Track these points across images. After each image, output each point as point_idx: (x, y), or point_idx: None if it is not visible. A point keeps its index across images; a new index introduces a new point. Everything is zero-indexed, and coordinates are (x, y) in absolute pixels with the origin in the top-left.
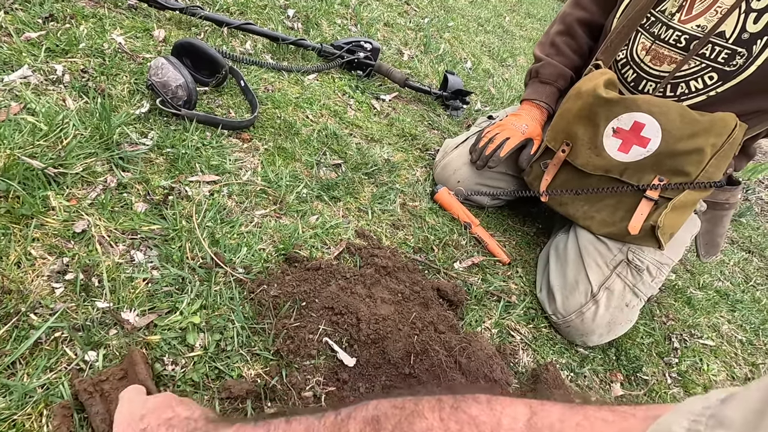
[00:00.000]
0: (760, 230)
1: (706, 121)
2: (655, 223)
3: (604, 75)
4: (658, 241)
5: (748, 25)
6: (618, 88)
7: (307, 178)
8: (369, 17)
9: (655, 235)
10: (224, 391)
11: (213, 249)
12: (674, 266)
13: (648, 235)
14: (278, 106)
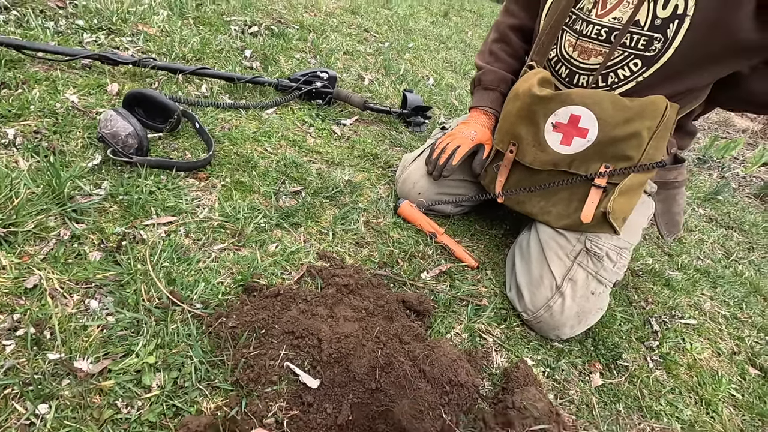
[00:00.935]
0: (738, 205)
1: (637, 105)
2: (606, 209)
3: (537, 74)
4: (612, 226)
5: (658, 11)
6: (553, 85)
7: (266, 208)
8: (328, 48)
9: (608, 221)
10: (182, 428)
11: (169, 288)
12: (651, 250)
13: (602, 222)
14: (235, 143)
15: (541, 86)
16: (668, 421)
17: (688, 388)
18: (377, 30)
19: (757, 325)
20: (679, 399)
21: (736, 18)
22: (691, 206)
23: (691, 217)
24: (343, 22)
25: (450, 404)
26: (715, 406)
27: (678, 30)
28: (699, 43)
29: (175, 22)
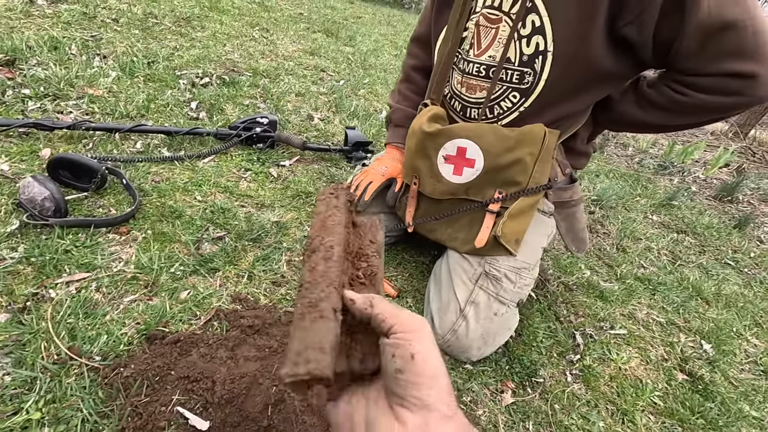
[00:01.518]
0: (696, 209)
1: (517, 134)
2: (496, 233)
3: (429, 112)
4: (506, 249)
5: (524, 48)
6: (446, 120)
7: (185, 256)
8: (279, 91)
9: (500, 243)
10: None
11: (69, 344)
12: (591, 263)
13: (496, 245)
14: (164, 195)
15: (431, 122)
16: None
17: (607, 400)
18: (335, 69)
19: (693, 329)
20: (594, 411)
21: (590, 50)
22: (643, 214)
23: (641, 225)
24: (300, 64)
25: None
26: (632, 415)
27: (543, 64)
28: (564, 75)
29: (125, 81)
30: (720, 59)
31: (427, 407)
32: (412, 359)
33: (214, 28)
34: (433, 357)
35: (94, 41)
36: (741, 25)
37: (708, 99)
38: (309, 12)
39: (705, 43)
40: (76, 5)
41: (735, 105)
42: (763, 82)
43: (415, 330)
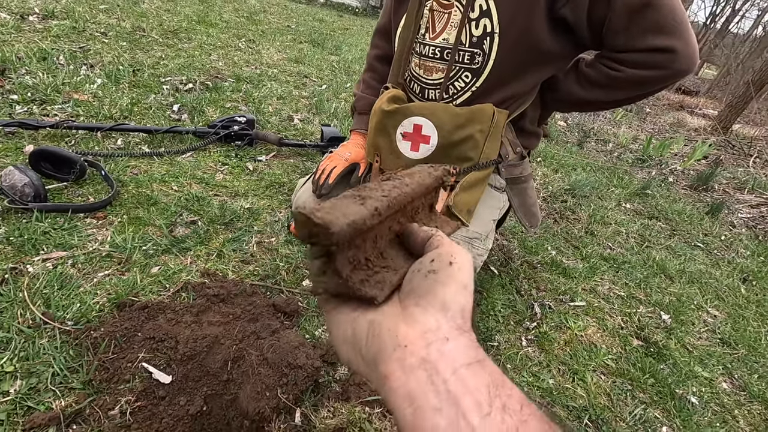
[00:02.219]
0: (670, 197)
1: (467, 112)
2: (449, 203)
3: (388, 94)
4: (458, 218)
5: (473, 31)
6: (405, 101)
7: (158, 238)
8: (260, 95)
9: (453, 213)
10: (28, 423)
11: (43, 310)
12: (558, 244)
13: (450, 215)
14: (141, 185)
15: (389, 102)
16: (528, 390)
17: (559, 361)
18: (318, 75)
19: (653, 302)
20: (545, 371)
21: (533, 31)
22: (616, 203)
23: (613, 212)
24: (284, 71)
25: (288, 384)
26: (582, 374)
27: (491, 45)
28: (510, 55)
29: (110, 87)
30: (644, 35)
31: (445, 311)
32: (450, 265)
33: (201, 40)
34: (468, 270)
35: (82, 52)
36: (659, 4)
37: (638, 73)
38: (297, 25)
39: (630, 20)
40: (66, 20)
41: (662, 77)
42: (682, 56)
43: (460, 251)
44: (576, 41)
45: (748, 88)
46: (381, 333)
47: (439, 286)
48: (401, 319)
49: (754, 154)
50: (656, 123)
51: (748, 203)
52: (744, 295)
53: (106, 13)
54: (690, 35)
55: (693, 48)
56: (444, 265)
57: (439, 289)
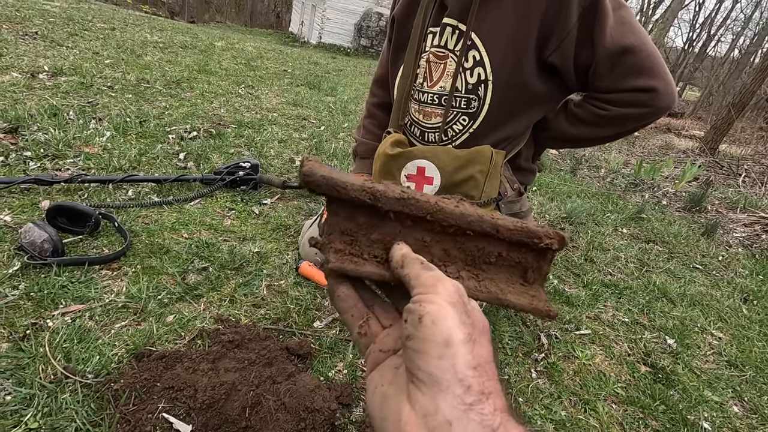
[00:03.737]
0: (665, 220)
1: (467, 154)
2: None
3: (391, 138)
4: None
5: (468, 79)
6: (407, 144)
7: (171, 286)
8: (262, 140)
9: None
10: None
11: (64, 365)
12: (559, 272)
13: None
14: (152, 234)
15: (393, 146)
16: (541, 423)
17: (570, 392)
18: (316, 117)
19: (657, 326)
20: (556, 402)
21: (523, 77)
22: (613, 228)
23: (610, 237)
24: (283, 115)
25: (306, 429)
26: (594, 404)
27: (486, 91)
28: (504, 100)
29: (118, 139)
30: (627, 77)
31: (437, 385)
32: (420, 322)
33: (202, 88)
34: (447, 320)
35: (90, 106)
36: (638, 49)
37: (624, 111)
38: (293, 69)
39: (613, 65)
40: (74, 77)
41: (645, 114)
42: (663, 93)
43: (431, 287)
44: (564, 84)
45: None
46: (388, 414)
47: (418, 357)
48: (405, 397)
49: (742, 174)
50: (645, 146)
51: (742, 222)
52: (746, 316)
53: (111, 67)
54: (668, 76)
55: (672, 87)
56: (415, 324)
57: (419, 361)
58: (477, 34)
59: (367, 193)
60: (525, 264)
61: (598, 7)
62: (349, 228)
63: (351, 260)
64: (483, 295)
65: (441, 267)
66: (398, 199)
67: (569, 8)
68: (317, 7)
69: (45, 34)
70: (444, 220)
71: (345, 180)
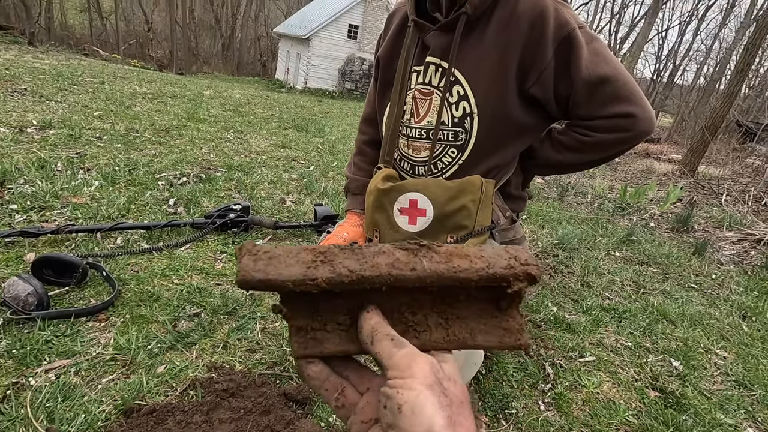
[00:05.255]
0: (655, 241)
1: (458, 185)
2: None
3: (382, 173)
4: None
5: (454, 113)
6: (398, 179)
7: (162, 335)
8: (252, 182)
9: None
10: None
11: (47, 426)
12: (557, 299)
13: None
14: (142, 282)
15: (384, 181)
16: None
17: (581, 423)
18: (305, 157)
19: (661, 349)
20: None
21: (507, 109)
22: (606, 252)
23: (604, 261)
24: (272, 157)
25: None
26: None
27: (472, 124)
28: (489, 131)
29: (107, 188)
30: (606, 105)
31: None
32: (399, 411)
33: (192, 135)
34: (427, 406)
35: (78, 157)
36: (613, 79)
37: (606, 137)
38: (280, 113)
39: (591, 94)
40: (63, 129)
41: (627, 139)
42: (642, 119)
43: (406, 370)
44: (547, 113)
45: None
46: None
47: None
48: None
49: (723, 193)
50: (627, 171)
51: (730, 240)
52: (747, 333)
53: (100, 118)
54: (645, 102)
55: (650, 112)
56: (395, 413)
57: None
58: (459, 70)
59: (312, 286)
60: (497, 296)
61: (572, 41)
62: (308, 302)
63: (314, 339)
64: (453, 345)
65: (408, 316)
66: (347, 283)
67: (545, 43)
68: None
69: (34, 90)
70: (402, 287)
71: (285, 277)
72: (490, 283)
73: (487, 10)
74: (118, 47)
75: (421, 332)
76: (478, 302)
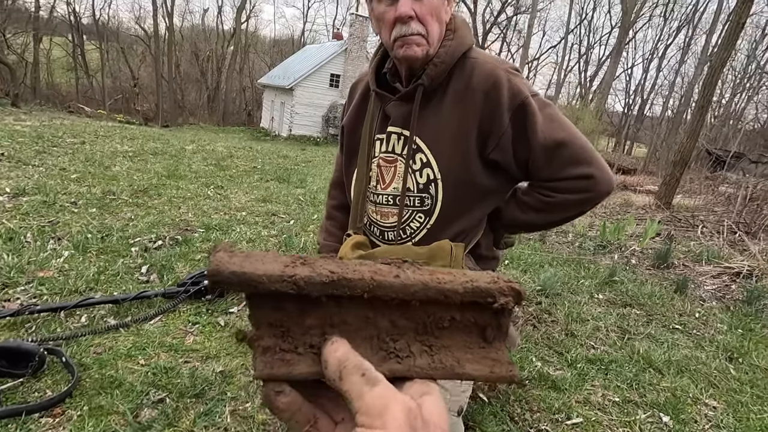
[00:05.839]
0: (637, 281)
1: (427, 251)
2: None
3: (352, 240)
4: None
5: (419, 179)
6: (368, 245)
7: (122, 427)
8: (230, 241)
9: None
10: None
11: None
12: (542, 353)
13: None
14: (104, 366)
15: (354, 249)
16: None
17: None
18: (285, 211)
19: (650, 403)
20: None
21: (470, 174)
22: (589, 295)
23: (587, 306)
24: (252, 213)
25: None
26: None
27: (437, 190)
28: (455, 196)
29: (77, 258)
30: (564, 168)
31: None
32: None
33: (170, 194)
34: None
35: (50, 226)
36: (569, 142)
37: (568, 197)
38: (263, 164)
39: (550, 158)
40: (37, 196)
41: (587, 199)
42: (600, 179)
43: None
44: (510, 176)
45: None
46: None
47: None
48: None
49: (699, 225)
50: (607, 206)
51: (710, 274)
52: (735, 377)
53: (77, 182)
54: (602, 163)
55: (608, 173)
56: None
57: None
58: (421, 138)
59: (289, 284)
60: (482, 323)
61: (526, 108)
62: (277, 319)
63: (282, 360)
64: (438, 373)
65: (390, 344)
66: (327, 284)
67: (501, 112)
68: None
69: (11, 155)
70: (384, 296)
71: (261, 272)
72: (475, 297)
73: (443, 82)
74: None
75: (405, 358)
76: (463, 332)
